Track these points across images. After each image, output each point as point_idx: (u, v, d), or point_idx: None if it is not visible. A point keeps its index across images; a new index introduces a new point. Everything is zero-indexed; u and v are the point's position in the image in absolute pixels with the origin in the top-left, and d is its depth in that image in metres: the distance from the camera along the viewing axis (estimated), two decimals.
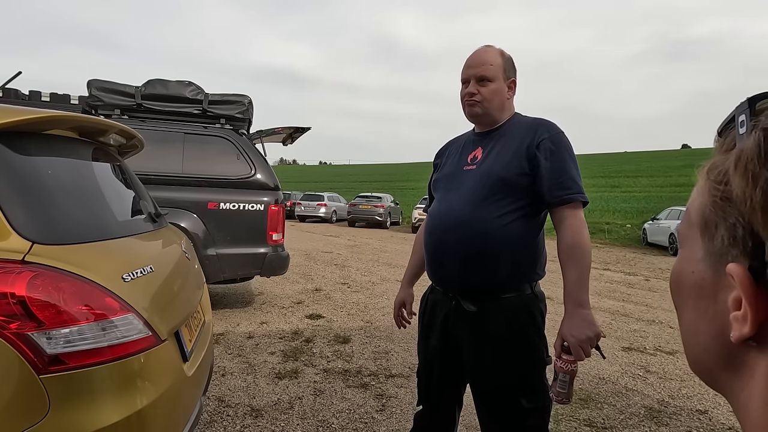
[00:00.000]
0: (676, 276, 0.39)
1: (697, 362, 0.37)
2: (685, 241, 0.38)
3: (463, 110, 1.50)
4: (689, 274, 0.36)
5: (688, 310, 0.37)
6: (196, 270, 2.00)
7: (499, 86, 1.42)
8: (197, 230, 4.09)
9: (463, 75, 1.46)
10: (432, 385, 1.54)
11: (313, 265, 7.80)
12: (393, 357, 3.48)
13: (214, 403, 2.58)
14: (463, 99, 1.47)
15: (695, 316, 0.36)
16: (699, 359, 0.37)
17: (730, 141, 0.33)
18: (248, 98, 4.62)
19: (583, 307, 1.27)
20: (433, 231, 1.47)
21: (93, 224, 1.40)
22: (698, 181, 0.37)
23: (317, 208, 20.03)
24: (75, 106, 4.91)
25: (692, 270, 0.36)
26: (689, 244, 0.37)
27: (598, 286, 6.84)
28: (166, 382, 1.26)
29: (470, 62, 1.45)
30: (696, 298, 0.36)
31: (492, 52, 1.44)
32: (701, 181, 0.36)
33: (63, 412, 1.03)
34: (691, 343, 0.37)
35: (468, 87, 1.44)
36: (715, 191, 0.33)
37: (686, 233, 0.38)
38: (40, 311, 1.04)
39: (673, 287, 0.39)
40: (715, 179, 0.33)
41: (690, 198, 0.39)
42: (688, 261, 0.37)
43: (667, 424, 2.59)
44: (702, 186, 0.35)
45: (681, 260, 0.38)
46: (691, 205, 0.37)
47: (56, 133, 1.43)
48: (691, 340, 0.37)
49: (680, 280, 0.38)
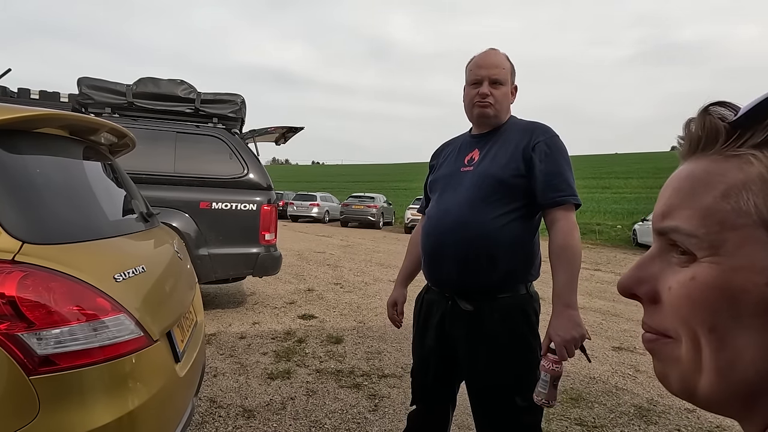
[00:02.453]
0: (720, 291, 0.31)
1: (746, 391, 0.31)
2: (723, 247, 0.31)
3: (470, 111, 1.48)
4: (758, 287, 0.30)
5: (748, 331, 0.30)
6: (188, 270, 1.99)
7: (507, 90, 1.44)
8: (189, 230, 4.06)
9: (475, 75, 1.44)
10: (427, 385, 1.54)
11: (306, 265, 7.78)
12: (386, 357, 3.49)
13: (206, 404, 2.57)
14: (472, 99, 1.44)
15: (767, 339, 0.30)
16: (754, 388, 0.31)
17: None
18: (241, 97, 4.60)
19: (571, 308, 1.29)
20: (431, 232, 1.47)
21: (84, 224, 1.39)
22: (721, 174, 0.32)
23: (310, 208, 19.98)
24: (65, 104, 4.85)
25: (766, 282, 0.29)
26: (736, 249, 0.31)
27: (589, 287, 6.90)
28: (157, 383, 1.26)
29: (483, 63, 1.43)
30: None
31: (501, 55, 1.45)
32: (748, 173, 0.31)
33: (53, 414, 1.02)
34: (748, 372, 0.31)
35: (481, 87, 1.42)
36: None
37: (721, 237, 0.32)
38: (31, 312, 1.02)
39: (712, 304, 0.32)
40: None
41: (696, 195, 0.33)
42: (746, 271, 0.30)
43: (656, 423, 2.62)
44: (765, 181, 0.30)
45: (726, 271, 0.31)
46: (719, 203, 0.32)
47: (47, 132, 1.42)
48: (748, 367, 0.31)
49: (734, 295, 0.31)
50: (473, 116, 1.49)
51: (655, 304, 0.36)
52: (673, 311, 0.34)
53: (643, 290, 0.37)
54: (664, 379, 0.36)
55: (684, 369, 0.34)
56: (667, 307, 0.35)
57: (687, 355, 0.33)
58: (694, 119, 0.36)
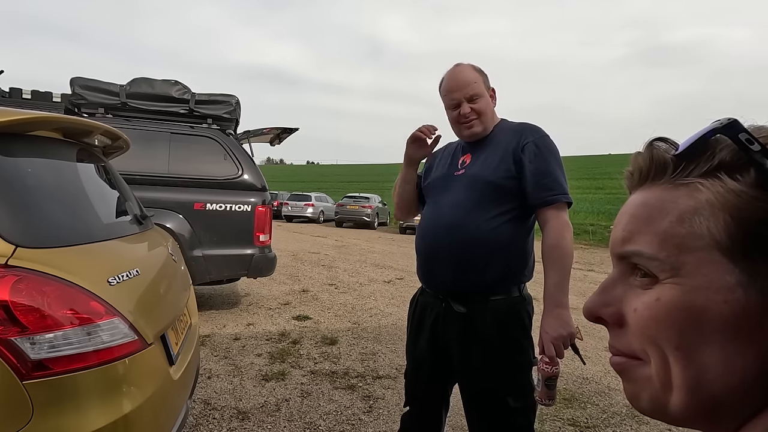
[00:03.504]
0: (683, 311, 0.32)
1: (712, 405, 0.32)
2: (683, 269, 0.33)
3: (458, 132, 1.49)
4: (717, 305, 0.31)
5: (710, 348, 0.32)
6: (182, 272, 1.99)
7: (487, 99, 1.45)
8: (183, 231, 4.04)
9: (450, 100, 1.44)
10: (420, 386, 1.55)
11: (301, 266, 7.76)
12: (380, 358, 3.49)
13: (200, 406, 2.56)
14: (457, 121, 1.45)
15: (729, 355, 0.31)
16: (720, 402, 0.32)
17: (731, 157, 0.32)
18: (235, 98, 4.59)
19: (561, 307, 1.31)
20: (425, 235, 1.49)
21: (78, 227, 1.38)
22: (672, 201, 0.34)
23: (304, 208, 19.93)
24: (57, 104, 4.81)
25: (723, 300, 0.31)
26: (695, 270, 0.32)
27: (582, 287, 6.94)
28: (152, 386, 1.25)
29: (453, 86, 1.43)
30: (732, 332, 0.31)
31: (468, 69, 1.45)
32: (697, 200, 0.33)
33: (47, 419, 1.01)
34: (713, 387, 0.32)
35: (461, 109, 1.42)
36: (760, 202, 0.30)
37: (680, 259, 0.33)
38: (24, 316, 1.02)
39: (675, 324, 0.33)
40: (756, 195, 0.30)
41: (654, 221, 0.35)
42: (705, 290, 0.32)
43: (647, 423, 2.64)
44: (716, 204, 0.32)
45: (687, 291, 0.32)
46: (675, 227, 0.33)
47: (40, 134, 1.41)
48: (713, 383, 0.32)
49: (696, 314, 0.32)
50: (463, 137, 1.50)
51: (621, 327, 0.37)
52: (640, 332, 0.35)
53: (607, 313, 0.38)
54: (635, 399, 0.37)
55: (654, 388, 0.35)
56: (633, 328, 0.36)
57: (657, 375, 0.34)
58: (641, 153, 0.38)
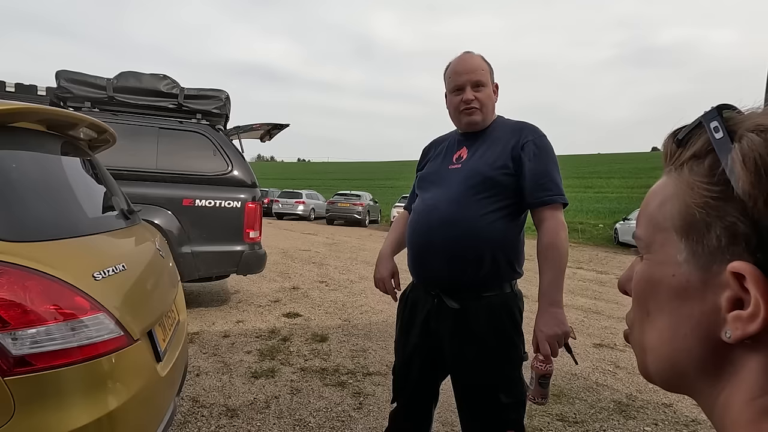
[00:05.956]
0: (647, 282, 0.38)
1: (671, 367, 0.37)
2: (652, 246, 0.38)
3: (457, 119, 1.47)
4: (668, 277, 0.36)
5: (663, 314, 0.36)
6: (170, 268, 1.96)
7: (490, 91, 1.45)
8: (172, 227, 3.99)
9: (456, 82, 1.43)
10: (410, 383, 1.55)
11: (291, 263, 7.73)
12: (371, 355, 3.49)
13: (189, 404, 2.53)
14: (458, 107, 1.44)
15: (676, 321, 0.35)
16: (674, 364, 0.36)
17: (701, 146, 0.35)
18: (225, 93, 4.54)
19: (555, 306, 1.32)
20: (418, 229, 1.47)
21: (62, 221, 1.36)
22: (664, 187, 0.38)
23: (295, 205, 19.83)
24: (42, 97, 4.72)
25: (672, 273, 0.35)
26: (659, 248, 0.37)
27: (572, 285, 7.01)
28: (138, 383, 1.23)
29: (461, 68, 1.42)
30: (678, 301, 0.35)
31: (478, 57, 1.45)
32: (674, 186, 0.36)
33: (29, 415, 0.99)
34: (666, 349, 0.37)
35: (465, 94, 1.41)
36: (707, 192, 0.33)
37: (653, 238, 0.38)
38: (5, 311, 1.00)
39: (644, 293, 0.38)
40: (708, 181, 0.33)
41: (648, 205, 0.39)
42: (663, 265, 0.36)
43: (634, 417, 2.68)
44: (679, 190, 0.35)
45: (652, 265, 0.38)
46: (656, 211, 0.37)
47: (23, 126, 1.38)
48: (665, 345, 0.37)
49: (655, 285, 0.37)
50: (461, 124, 1.48)
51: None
52: (632, 302, 0.41)
53: (629, 287, 0.43)
54: (638, 365, 0.41)
55: (638, 352, 0.40)
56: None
57: (637, 339, 0.40)
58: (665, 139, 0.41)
